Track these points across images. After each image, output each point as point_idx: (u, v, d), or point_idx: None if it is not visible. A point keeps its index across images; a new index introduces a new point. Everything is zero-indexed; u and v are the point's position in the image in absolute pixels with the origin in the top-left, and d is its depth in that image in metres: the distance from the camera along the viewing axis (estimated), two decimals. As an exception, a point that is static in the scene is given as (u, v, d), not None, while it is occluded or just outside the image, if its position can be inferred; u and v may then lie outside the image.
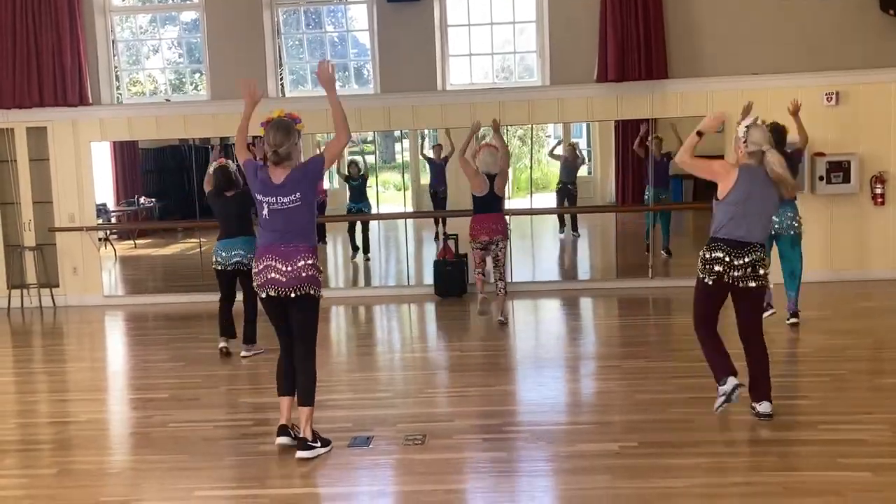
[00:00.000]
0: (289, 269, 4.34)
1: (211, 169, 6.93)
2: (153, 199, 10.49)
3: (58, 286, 9.79)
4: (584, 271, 10.81)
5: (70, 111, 9.53)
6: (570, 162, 10.12)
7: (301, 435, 4.41)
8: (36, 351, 7.89)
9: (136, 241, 10.82)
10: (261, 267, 4.41)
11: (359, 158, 10.26)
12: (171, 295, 9.69)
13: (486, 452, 4.46)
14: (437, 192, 10.20)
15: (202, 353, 7.01)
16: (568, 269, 10.88)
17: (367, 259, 10.53)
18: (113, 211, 10.46)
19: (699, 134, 4.75)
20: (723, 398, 4.61)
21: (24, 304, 9.65)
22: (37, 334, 8.57)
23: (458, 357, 6.87)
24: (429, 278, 9.56)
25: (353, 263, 10.67)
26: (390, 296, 9.54)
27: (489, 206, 7.49)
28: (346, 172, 10.09)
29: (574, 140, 10.42)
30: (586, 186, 10.71)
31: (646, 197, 9.67)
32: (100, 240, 9.96)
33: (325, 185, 10.24)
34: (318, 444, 4.43)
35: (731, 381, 4.58)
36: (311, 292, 4.42)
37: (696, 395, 5.22)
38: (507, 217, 7.73)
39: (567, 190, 10.16)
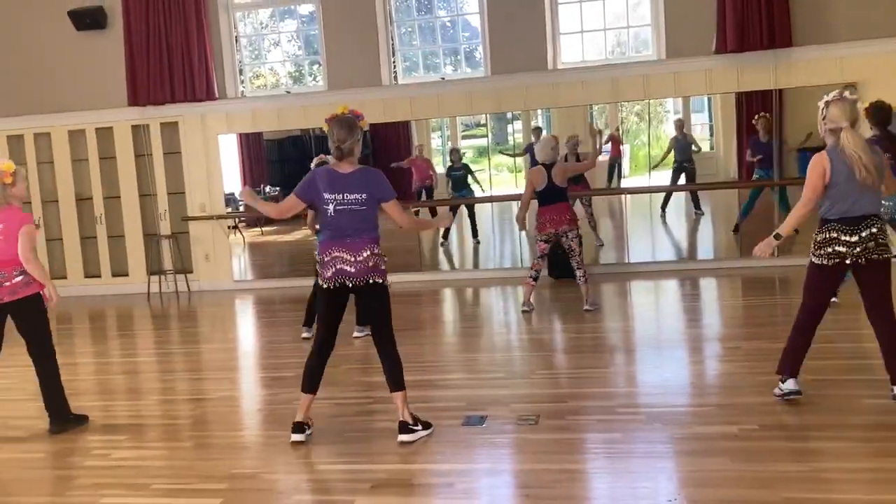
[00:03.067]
0: (356, 259, 4.39)
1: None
2: (277, 188, 10.93)
3: (192, 272, 10.41)
4: (705, 251, 10.47)
5: (198, 106, 10.07)
6: (682, 141, 9.85)
7: (401, 419, 4.45)
8: (173, 333, 8.41)
9: (263, 229, 11.32)
10: (328, 259, 4.43)
11: (461, 147, 10.37)
12: (296, 279, 9.96)
13: (601, 433, 4.44)
14: None
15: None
16: (688, 248, 10.59)
17: (478, 243, 10.63)
18: (241, 200, 10.99)
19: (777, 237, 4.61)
20: (779, 394, 4.66)
21: (161, 289, 10.31)
22: (173, 317, 9.14)
23: (572, 339, 6.84)
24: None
25: (441, 248, 10.79)
26: (504, 278, 9.58)
27: (552, 197, 7.30)
28: (449, 161, 10.21)
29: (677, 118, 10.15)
30: (708, 162, 10.37)
31: (755, 175, 9.32)
32: (229, 227, 10.49)
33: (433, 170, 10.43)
34: (420, 427, 4.48)
35: (792, 385, 4.60)
36: (380, 281, 4.47)
37: (822, 377, 4.99)
38: (572, 206, 7.57)
39: (682, 168, 9.89)
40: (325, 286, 4.50)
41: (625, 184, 10.06)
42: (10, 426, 5.14)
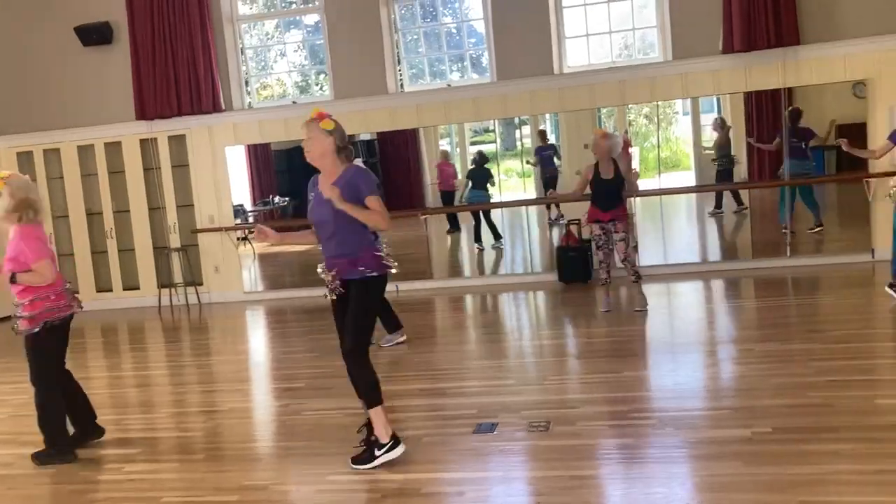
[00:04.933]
0: None
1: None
2: (287, 198, 10.95)
3: (202, 284, 10.42)
4: (716, 252, 10.40)
5: (205, 118, 10.10)
6: (722, 138, 9.74)
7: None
8: (184, 345, 8.42)
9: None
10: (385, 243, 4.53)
11: (484, 149, 10.38)
12: (307, 289, 9.92)
13: (612, 439, 4.41)
14: (547, 178, 10.19)
15: (337, 344, 7.24)
16: (700, 250, 10.52)
17: (500, 246, 10.62)
18: (250, 211, 11.01)
19: None
20: None
21: (172, 301, 10.33)
22: (184, 330, 9.16)
23: (584, 343, 6.82)
24: (553, 265, 9.52)
25: (478, 252, 10.80)
26: (514, 283, 9.56)
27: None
28: (471, 164, 10.25)
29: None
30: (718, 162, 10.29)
31: (781, 171, 9.17)
32: (239, 239, 10.51)
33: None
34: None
35: None
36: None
37: (836, 379, 4.94)
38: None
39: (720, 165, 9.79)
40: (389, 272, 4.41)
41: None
42: (23, 441, 5.15)
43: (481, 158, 10.22)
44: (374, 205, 4.18)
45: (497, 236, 10.56)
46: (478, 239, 10.55)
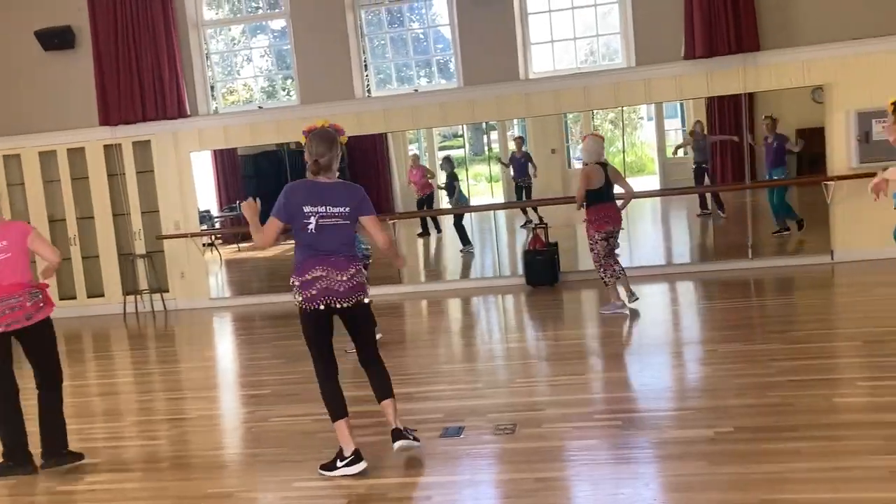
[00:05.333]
0: (343, 278, 4.19)
1: None
2: (254, 204, 10.87)
3: (168, 291, 10.31)
4: (680, 254, 10.53)
5: (170, 124, 10.00)
6: (702, 142, 9.82)
7: (395, 426, 4.34)
8: (150, 353, 8.33)
9: (240, 245, 11.24)
10: (309, 278, 4.16)
11: (452, 154, 10.43)
12: (274, 295, 9.92)
13: (578, 440, 4.44)
14: (521, 184, 10.25)
15: (303, 350, 7.16)
16: (665, 252, 10.65)
17: (470, 252, 10.67)
18: (216, 217, 10.92)
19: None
20: None
21: (137, 308, 10.21)
22: (150, 337, 9.05)
23: (550, 346, 6.87)
24: (521, 268, 9.57)
25: (461, 254, 10.85)
26: (483, 287, 9.59)
27: (609, 195, 7.36)
28: (441, 169, 10.30)
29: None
30: (682, 168, 10.46)
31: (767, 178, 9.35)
32: (205, 245, 10.41)
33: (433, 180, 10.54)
34: (412, 437, 4.39)
35: None
36: (366, 300, 4.33)
37: (797, 378, 5.03)
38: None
39: (702, 170, 9.87)
40: (308, 308, 4.19)
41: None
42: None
43: (450, 167, 10.28)
44: None
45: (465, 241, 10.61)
46: (466, 242, 10.60)
